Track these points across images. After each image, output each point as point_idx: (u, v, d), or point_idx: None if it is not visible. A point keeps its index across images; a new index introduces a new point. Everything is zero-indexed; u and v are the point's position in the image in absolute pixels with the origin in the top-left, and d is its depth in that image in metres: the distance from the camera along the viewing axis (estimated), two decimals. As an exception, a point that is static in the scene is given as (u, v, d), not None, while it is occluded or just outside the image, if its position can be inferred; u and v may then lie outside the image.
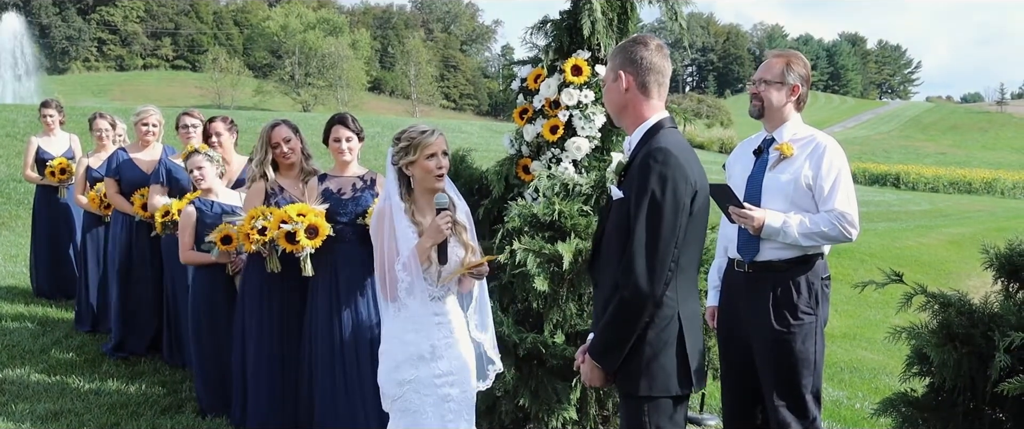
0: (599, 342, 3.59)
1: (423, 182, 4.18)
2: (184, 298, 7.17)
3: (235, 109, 67.18)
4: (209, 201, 6.43)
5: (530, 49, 6.14)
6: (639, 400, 3.57)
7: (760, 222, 4.35)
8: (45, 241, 9.93)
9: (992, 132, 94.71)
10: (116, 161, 7.77)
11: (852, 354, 10.21)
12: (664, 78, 3.67)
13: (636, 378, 3.55)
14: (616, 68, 3.67)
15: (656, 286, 3.41)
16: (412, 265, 4.08)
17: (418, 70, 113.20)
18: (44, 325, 8.79)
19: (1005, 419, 3.76)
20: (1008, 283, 4.06)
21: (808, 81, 4.58)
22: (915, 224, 25.77)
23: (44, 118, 9.91)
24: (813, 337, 4.42)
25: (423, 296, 4.16)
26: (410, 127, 4.21)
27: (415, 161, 4.14)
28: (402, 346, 4.17)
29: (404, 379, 4.16)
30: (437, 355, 4.19)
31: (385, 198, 4.25)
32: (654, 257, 3.40)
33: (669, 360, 3.53)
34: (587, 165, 5.72)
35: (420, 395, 4.16)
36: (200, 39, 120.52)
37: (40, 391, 6.71)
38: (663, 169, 3.41)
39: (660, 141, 3.52)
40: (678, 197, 3.41)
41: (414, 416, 4.17)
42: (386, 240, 4.13)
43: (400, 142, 4.16)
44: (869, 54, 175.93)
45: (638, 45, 3.66)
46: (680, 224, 3.42)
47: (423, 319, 4.18)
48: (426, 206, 4.21)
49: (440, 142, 4.16)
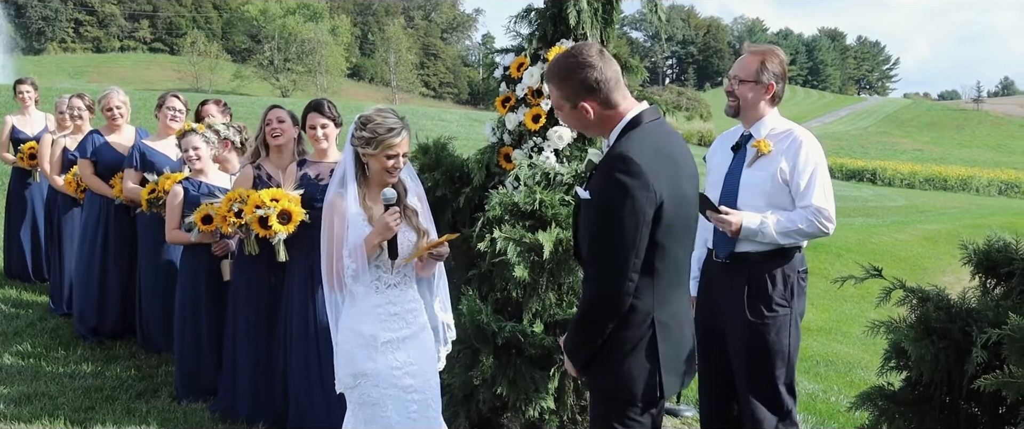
0: (569, 338, 3.55)
1: (377, 174, 4.12)
2: (158, 282, 7.14)
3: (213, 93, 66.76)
4: (197, 181, 6.39)
5: (513, 37, 6.11)
6: (607, 401, 3.53)
7: (737, 226, 4.37)
8: (19, 223, 9.85)
9: (968, 130, 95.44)
10: (93, 144, 7.69)
11: (828, 348, 10.26)
12: (619, 80, 3.44)
13: (602, 378, 3.51)
14: (570, 98, 3.44)
15: (616, 294, 3.31)
16: (358, 253, 4.01)
17: (398, 57, 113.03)
18: (18, 307, 8.71)
19: (980, 414, 3.78)
20: (986, 279, 4.08)
21: (784, 77, 4.58)
22: (891, 220, 25.94)
23: (19, 95, 9.83)
24: (787, 329, 4.44)
25: (370, 284, 4.10)
26: (378, 116, 4.07)
27: (374, 155, 4.06)
28: (356, 337, 4.11)
29: (359, 371, 4.10)
30: (394, 346, 4.13)
31: (338, 183, 4.16)
32: (611, 266, 3.29)
33: (637, 365, 3.42)
34: (569, 154, 5.70)
35: (379, 388, 4.10)
36: (179, 22, 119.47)
37: (13, 374, 6.65)
38: (622, 178, 3.24)
39: (627, 145, 3.33)
40: (637, 207, 3.24)
41: (373, 409, 4.11)
42: (335, 229, 4.06)
43: (363, 130, 4.05)
44: (848, 50, 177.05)
45: (586, 69, 3.37)
46: (641, 235, 3.26)
47: (377, 309, 4.12)
48: (378, 193, 4.14)
49: (403, 143, 4.08)
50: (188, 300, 6.39)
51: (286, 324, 5.61)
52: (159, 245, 7.00)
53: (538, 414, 5.16)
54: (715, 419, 4.77)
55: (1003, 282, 4.01)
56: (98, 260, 7.69)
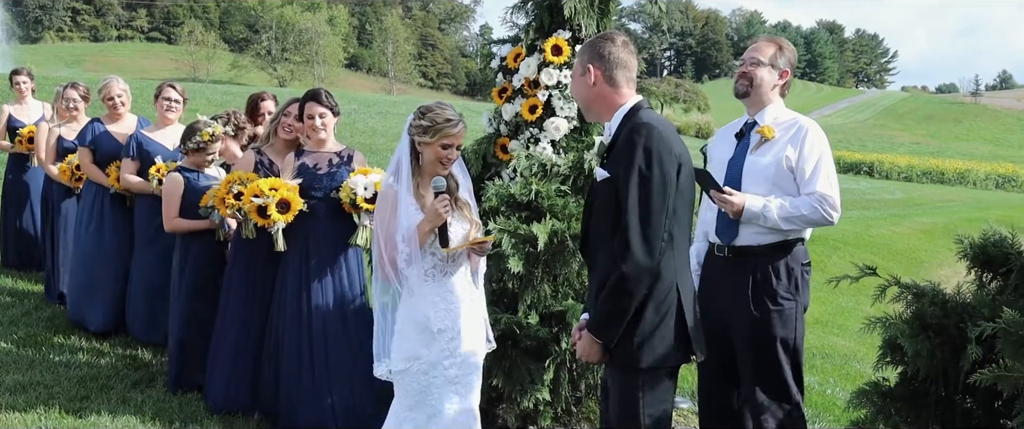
0: (599, 316, 3.64)
1: (430, 164, 4.17)
2: (153, 272, 7.10)
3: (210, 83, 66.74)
4: (197, 172, 6.37)
5: (510, 28, 6.10)
6: (636, 373, 3.63)
7: (739, 206, 4.35)
8: (15, 212, 9.81)
9: (966, 123, 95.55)
10: (92, 132, 7.64)
11: (824, 341, 10.27)
12: (631, 73, 3.76)
13: (637, 350, 3.61)
14: (584, 63, 3.77)
15: (653, 257, 3.49)
16: (412, 238, 4.07)
17: (396, 48, 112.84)
18: (13, 296, 8.69)
19: (976, 408, 3.78)
20: (981, 273, 4.08)
21: (794, 68, 4.61)
22: (888, 213, 25.97)
23: (16, 85, 9.79)
24: (793, 322, 4.42)
25: (427, 272, 4.16)
26: (438, 107, 4.17)
27: (430, 144, 4.12)
28: (414, 323, 4.17)
29: (413, 354, 4.16)
30: (447, 337, 4.19)
31: (392, 172, 4.22)
32: (648, 229, 3.48)
33: (668, 331, 3.62)
34: (565, 145, 5.70)
35: (428, 376, 4.17)
36: (176, 11, 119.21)
37: (8, 363, 6.63)
38: (648, 143, 3.50)
39: (641, 118, 3.61)
40: (665, 169, 3.50)
41: (422, 395, 4.19)
42: (388, 219, 4.13)
43: (423, 119, 4.12)
44: (846, 43, 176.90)
45: (605, 41, 3.75)
46: (669, 195, 3.51)
47: (433, 297, 4.17)
48: (430, 183, 4.21)
49: (459, 134, 4.16)
50: (184, 289, 6.36)
51: (279, 314, 5.60)
52: (155, 235, 6.96)
53: (533, 405, 5.17)
54: (715, 412, 4.75)
55: (999, 276, 4.01)
56: (93, 249, 7.65)
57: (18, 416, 5.64)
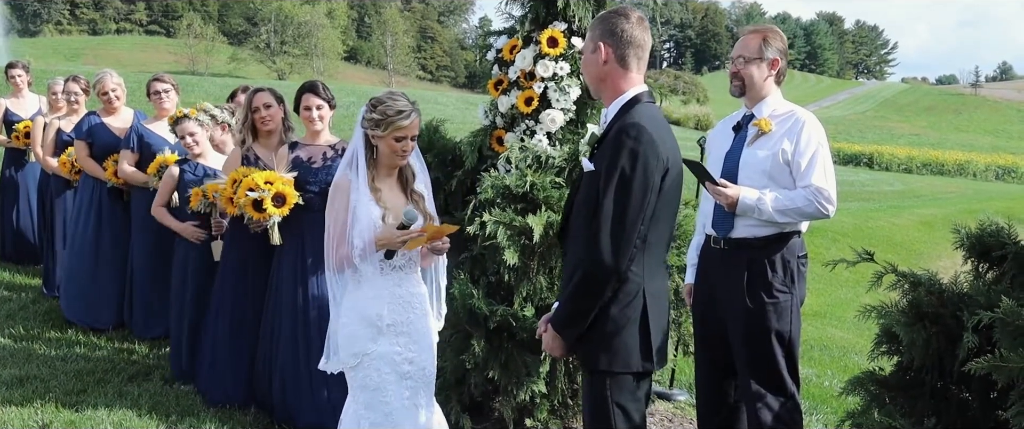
0: (561, 313, 3.60)
1: (386, 156, 4.14)
2: (151, 266, 7.11)
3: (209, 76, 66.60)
4: (194, 163, 6.41)
5: (506, 20, 6.08)
6: (601, 375, 3.58)
7: (734, 198, 4.33)
8: (12, 206, 9.81)
9: (966, 115, 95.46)
10: (89, 124, 7.64)
11: (822, 332, 10.27)
12: (643, 52, 3.64)
13: (597, 353, 3.56)
14: (596, 39, 3.63)
15: (620, 261, 3.41)
16: (367, 234, 4.02)
17: (395, 40, 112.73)
18: (10, 290, 8.69)
19: (971, 398, 3.77)
20: (978, 263, 4.07)
21: (786, 54, 4.58)
22: (887, 204, 25.97)
23: (12, 79, 9.77)
24: (788, 315, 4.41)
25: (376, 265, 4.11)
26: (389, 98, 4.11)
27: (383, 137, 4.08)
28: (360, 317, 4.13)
29: (362, 351, 4.12)
30: (397, 331, 4.16)
31: (347, 164, 4.16)
32: (620, 233, 3.40)
33: (631, 336, 3.54)
34: (561, 137, 5.68)
35: (380, 373, 4.13)
36: (175, 4, 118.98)
37: (5, 356, 6.64)
38: (635, 145, 3.40)
39: (635, 116, 3.50)
40: (648, 174, 3.40)
41: (374, 393, 4.14)
42: (340, 211, 4.07)
43: (374, 112, 4.08)
44: (846, 34, 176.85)
45: (619, 17, 3.60)
46: (648, 202, 3.42)
47: (383, 292, 4.14)
48: (387, 175, 4.19)
49: (413, 126, 4.10)
50: (184, 283, 6.37)
51: (275, 308, 5.59)
52: (152, 229, 6.95)
53: (529, 398, 5.16)
54: (712, 404, 4.75)
55: (995, 266, 4.00)
56: (90, 244, 7.63)
57: (15, 410, 5.64)
